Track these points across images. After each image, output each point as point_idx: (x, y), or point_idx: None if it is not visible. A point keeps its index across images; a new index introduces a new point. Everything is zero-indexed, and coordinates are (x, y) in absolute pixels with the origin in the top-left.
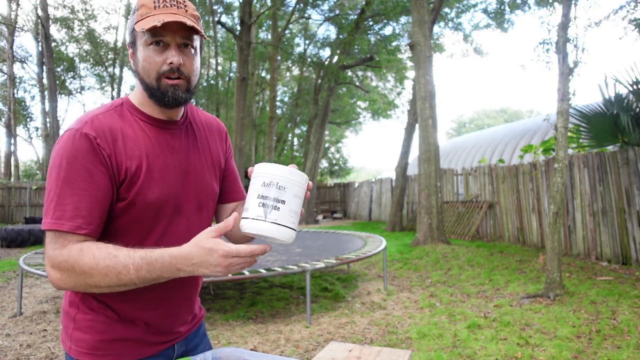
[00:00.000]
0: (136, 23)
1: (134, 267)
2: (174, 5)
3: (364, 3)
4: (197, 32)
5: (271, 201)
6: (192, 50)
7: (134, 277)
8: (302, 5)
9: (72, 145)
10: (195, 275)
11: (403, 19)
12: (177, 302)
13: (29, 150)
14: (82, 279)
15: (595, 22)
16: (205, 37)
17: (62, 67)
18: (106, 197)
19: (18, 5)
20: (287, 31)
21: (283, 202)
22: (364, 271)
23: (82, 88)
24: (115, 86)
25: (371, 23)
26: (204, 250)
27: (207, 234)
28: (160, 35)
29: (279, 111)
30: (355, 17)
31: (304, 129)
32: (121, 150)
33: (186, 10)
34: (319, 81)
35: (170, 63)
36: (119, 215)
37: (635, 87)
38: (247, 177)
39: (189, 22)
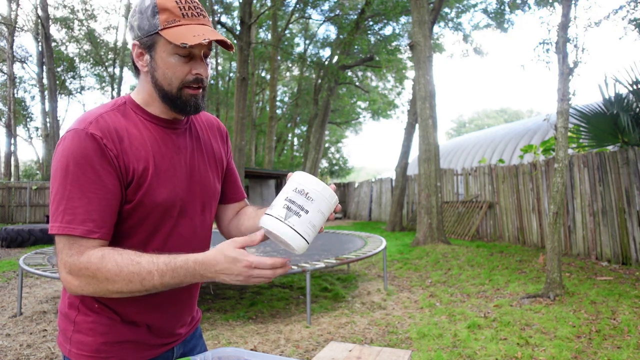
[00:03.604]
0: (164, 29)
1: (158, 273)
2: (200, 14)
3: (364, 3)
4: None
5: (295, 207)
6: (208, 58)
7: (157, 283)
8: (302, 5)
9: (78, 146)
10: (215, 281)
11: (403, 19)
12: (179, 304)
13: (29, 150)
14: (104, 285)
15: (595, 22)
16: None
17: (62, 67)
18: (116, 199)
19: (18, 5)
20: (287, 31)
21: (306, 211)
22: (364, 271)
23: (82, 88)
24: (115, 86)
25: (371, 23)
26: (228, 259)
27: (232, 243)
28: (191, 48)
29: (279, 111)
30: (355, 17)
31: (304, 129)
32: (128, 151)
33: (208, 18)
34: (319, 81)
35: (197, 74)
36: (125, 218)
37: (635, 87)
38: (246, 177)
39: (228, 40)
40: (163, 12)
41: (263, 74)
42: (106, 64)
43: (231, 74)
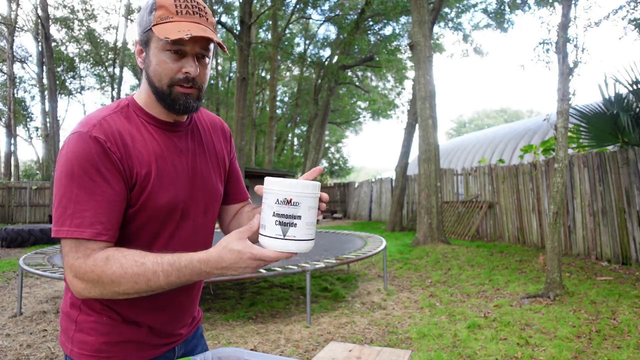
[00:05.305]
0: (155, 25)
1: (164, 273)
2: (196, 13)
3: (364, 3)
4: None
5: (287, 219)
6: (207, 60)
7: (163, 284)
8: (302, 5)
9: (82, 150)
10: (223, 276)
11: (403, 19)
12: (180, 305)
13: (29, 150)
14: (110, 287)
15: (595, 22)
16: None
17: (62, 67)
18: (122, 201)
19: (18, 5)
20: (287, 31)
21: (299, 217)
22: (364, 271)
23: (82, 88)
24: (115, 86)
25: (371, 23)
26: (234, 254)
27: (236, 235)
28: (180, 45)
29: (279, 111)
30: (355, 17)
31: (304, 129)
32: (131, 154)
33: (207, 19)
34: (319, 81)
35: (187, 73)
36: (129, 222)
37: (635, 87)
38: (246, 177)
39: (216, 38)
40: (159, 9)
41: (263, 74)
42: (106, 64)
43: (231, 74)
